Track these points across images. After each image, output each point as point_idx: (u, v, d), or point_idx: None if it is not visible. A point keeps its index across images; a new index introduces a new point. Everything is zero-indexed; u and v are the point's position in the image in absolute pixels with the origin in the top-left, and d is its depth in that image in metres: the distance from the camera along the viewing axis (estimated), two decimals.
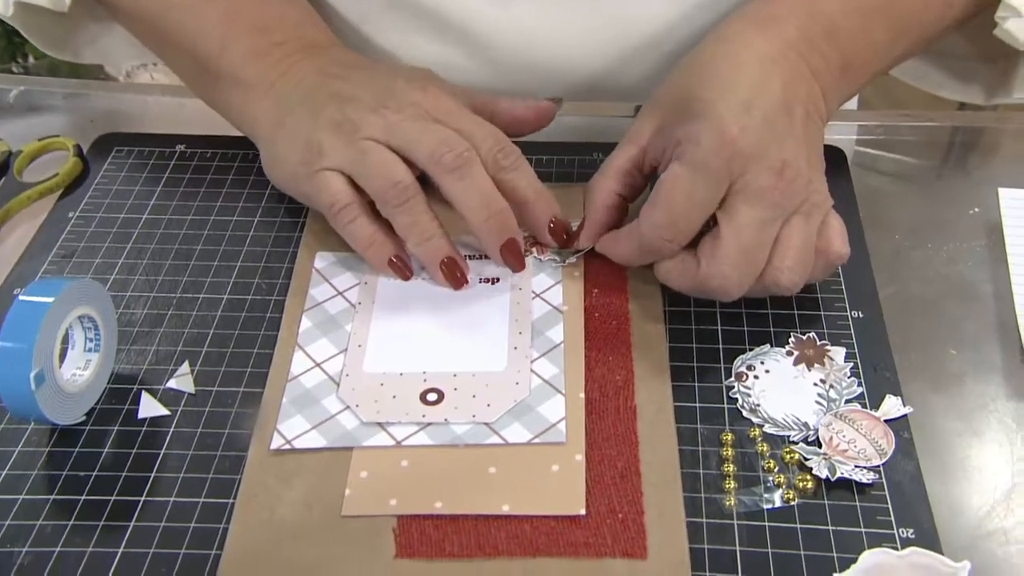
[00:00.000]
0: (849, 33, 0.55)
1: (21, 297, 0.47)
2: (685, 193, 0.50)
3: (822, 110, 0.54)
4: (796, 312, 0.55)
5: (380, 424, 0.50)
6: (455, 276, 0.55)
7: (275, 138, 0.58)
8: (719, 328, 0.55)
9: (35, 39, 0.68)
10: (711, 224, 0.52)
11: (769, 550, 0.45)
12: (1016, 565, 0.45)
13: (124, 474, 0.48)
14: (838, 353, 0.53)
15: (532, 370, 0.52)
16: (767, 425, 0.50)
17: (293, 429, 0.50)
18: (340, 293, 0.57)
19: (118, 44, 0.70)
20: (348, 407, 0.51)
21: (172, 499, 0.47)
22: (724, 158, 0.49)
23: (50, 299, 0.46)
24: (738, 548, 0.45)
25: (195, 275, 0.58)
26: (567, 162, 0.65)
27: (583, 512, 0.46)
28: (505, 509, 0.46)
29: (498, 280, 0.57)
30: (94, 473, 0.48)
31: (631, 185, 0.56)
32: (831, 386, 0.52)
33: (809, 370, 0.53)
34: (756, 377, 0.52)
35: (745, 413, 0.51)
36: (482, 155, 0.54)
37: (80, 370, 0.50)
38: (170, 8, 0.61)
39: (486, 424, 0.50)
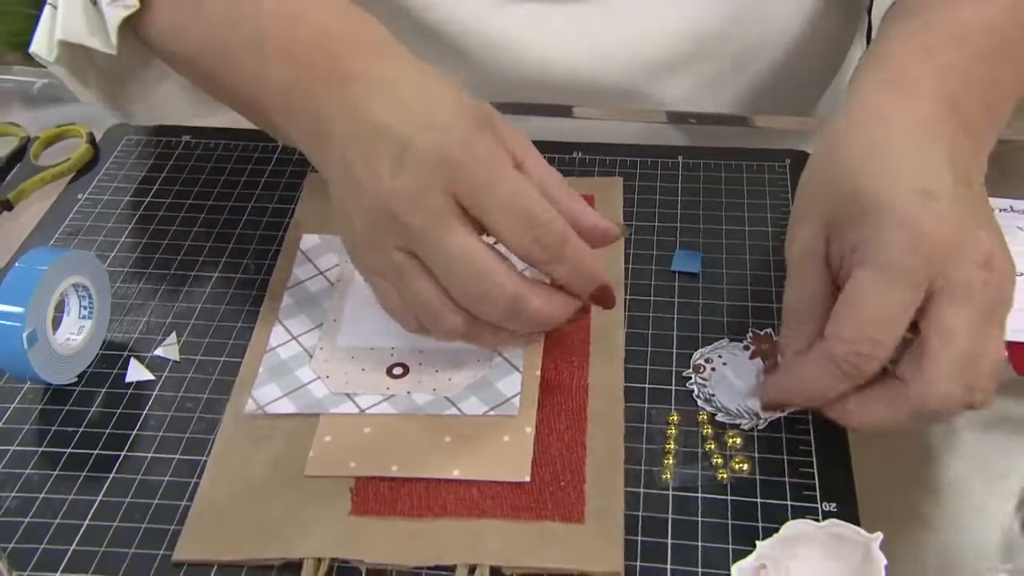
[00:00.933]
0: (982, 82, 0.50)
1: (18, 264, 0.51)
2: (878, 299, 0.43)
3: (984, 171, 0.49)
4: (751, 304, 0.58)
5: (347, 394, 0.53)
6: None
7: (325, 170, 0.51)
8: (675, 317, 0.58)
9: (87, 93, 0.64)
10: (907, 339, 0.45)
11: (699, 519, 0.48)
12: (925, 538, 0.48)
13: (108, 431, 0.52)
14: None
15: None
16: (720, 414, 0.53)
17: (267, 396, 0.53)
18: (321, 272, 0.60)
19: (168, 99, 0.67)
20: (319, 377, 0.54)
21: (150, 455, 0.51)
22: (922, 254, 0.43)
23: (45, 267, 0.50)
24: (670, 516, 0.48)
25: (189, 254, 0.63)
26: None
27: (527, 479, 0.49)
28: (455, 474, 0.49)
29: None
30: (80, 429, 0.52)
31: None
32: None
33: (764, 363, 0.56)
34: (713, 369, 0.55)
35: (700, 403, 0.53)
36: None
37: (74, 335, 0.55)
38: (208, 37, 0.55)
39: (446, 397, 0.53)
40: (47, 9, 0.60)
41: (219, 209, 0.66)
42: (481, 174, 0.45)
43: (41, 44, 0.60)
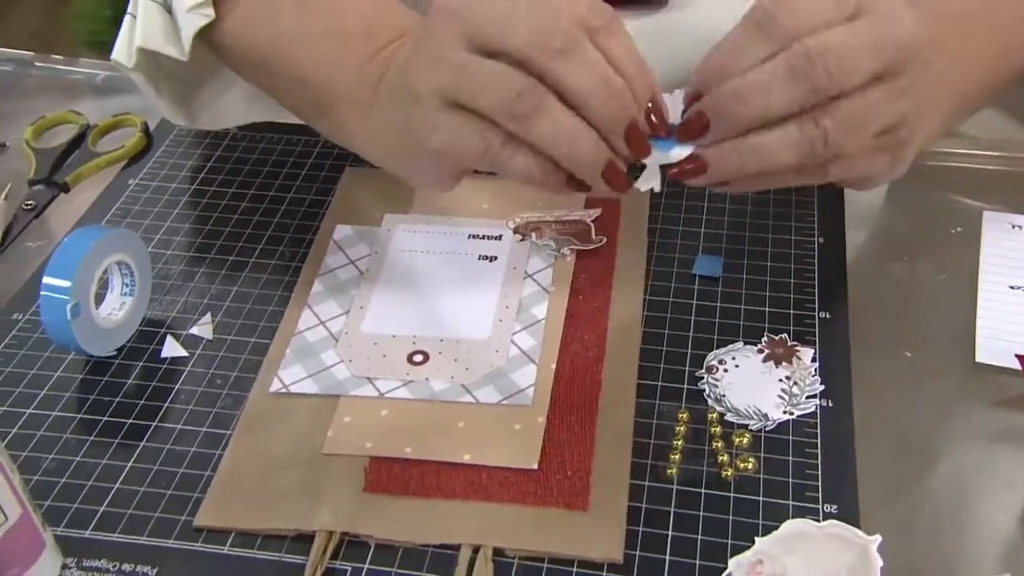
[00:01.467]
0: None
1: (66, 239, 0.54)
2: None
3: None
4: (768, 310, 0.59)
5: (368, 378, 0.55)
6: (621, 180, 0.48)
7: (389, 138, 0.53)
8: (692, 319, 0.59)
9: (159, 100, 0.67)
10: None
11: (701, 513, 0.49)
12: (924, 544, 0.49)
13: (142, 402, 0.55)
14: (806, 353, 0.57)
15: (512, 341, 0.57)
16: (729, 414, 0.54)
17: (292, 376, 0.56)
18: (352, 262, 0.63)
19: (230, 106, 0.70)
20: (342, 361, 0.56)
21: (179, 426, 0.54)
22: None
23: (90, 243, 0.53)
24: (673, 509, 0.49)
25: (229, 240, 0.65)
26: None
27: (535, 467, 0.51)
28: (466, 458, 0.51)
29: (496, 258, 0.62)
30: (116, 399, 0.55)
31: None
32: (795, 383, 0.56)
33: (777, 367, 0.56)
34: (726, 371, 0.56)
35: (710, 402, 0.54)
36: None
37: (116, 311, 0.58)
38: (277, 37, 0.59)
39: (462, 385, 0.55)
40: (127, 19, 0.63)
41: (260, 199, 0.68)
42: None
43: (121, 52, 0.63)
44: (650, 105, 0.47)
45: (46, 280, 0.53)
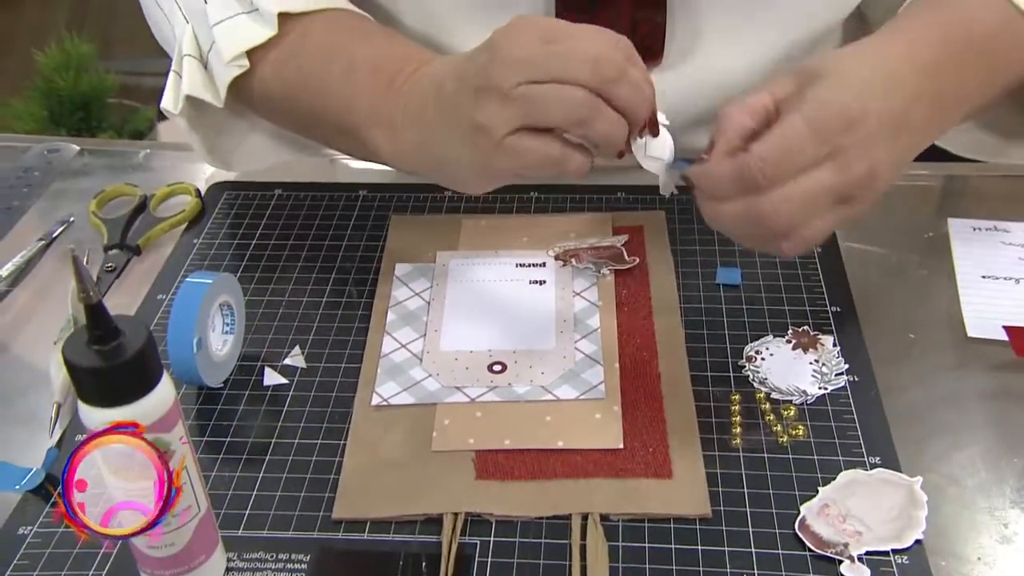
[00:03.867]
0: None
1: (188, 280, 0.60)
2: (791, 142, 0.55)
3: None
4: (787, 308, 0.69)
5: (457, 387, 0.63)
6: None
7: (432, 155, 0.63)
8: (724, 320, 0.68)
9: (199, 143, 0.78)
10: None
11: (768, 473, 0.57)
12: (952, 489, 0.58)
13: (257, 424, 0.61)
14: (828, 340, 0.66)
15: (576, 348, 0.65)
16: (773, 393, 0.63)
17: (388, 391, 0.63)
18: (416, 294, 0.70)
19: (257, 148, 0.82)
20: (431, 375, 0.64)
21: (296, 441, 0.60)
22: (841, 122, 0.55)
23: (209, 281, 0.60)
24: (743, 472, 0.58)
25: (298, 284, 0.72)
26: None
27: (621, 446, 0.59)
28: (560, 444, 0.59)
29: (544, 282, 0.71)
30: (234, 423, 0.61)
31: (762, 123, 0.58)
32: (823, 364, 0.65)
33: (805, 353, 0.66)
34: (763, 359, 0.65)
35: (756, 384, 0.63)
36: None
37: (220, 348, 0.64)
38: (304, 78, 0.70)
39: (542, 386, 0.63)
40: (171, 76, 0.74)
41: (317, 247, 0.76)
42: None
43: (168, 100, 0.74)
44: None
45: (173, 318, 0.59)
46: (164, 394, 0.46)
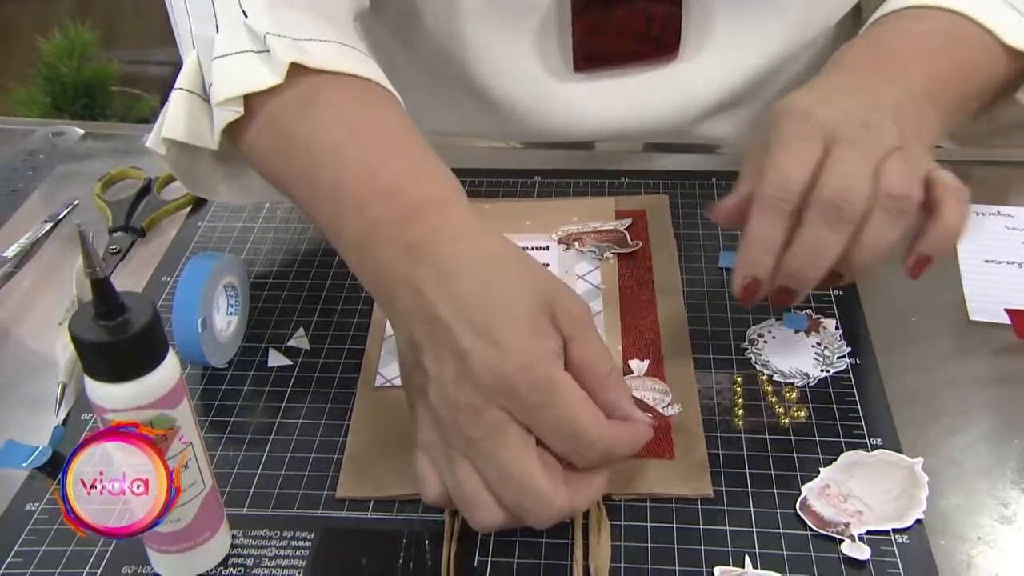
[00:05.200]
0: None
1: (194, 259, 0.61)
2: (785, 154, 0.56)
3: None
4: None
5: None
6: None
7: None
8: (727, 303, 0.68)
9: (180, 174, 0.66)
10: None
11: (770, 454, 0.58)
12: (953, 470, 0.58)
13: (261, 404, 0.62)
14: (830, 323, 0.66)
15: None
16: (776, 375, 0.63)
17: (391, 372, 0.63)
18: None
19: (254, 183, 0.68)
20: None
21: (300, 420, 0.60)
22: (815, 121, 0.56)
23: (214, 261, 0.60)
24: (745, 453, 0.58)
25: (302, 267, 0.73)
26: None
27: None
28: None
29: (548, 265, 0.71)
30: (238, 403, 0.62)
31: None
32: (825, 347, 0.65)
33: (807, 336, 0.66)
34: (765, 342, 0.65)
35: (758, 367, 0.63)
36: None
37: (224, 328, 0.64)
38: (292, 173, 0.58)
39: None
40: (163, 111, 0.63)
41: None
42: (535, 398, 0.47)
43: (153, 139, 0.63)
44: None
45: (178, 296, 0.59)
46: (170, 369, 0.46)
